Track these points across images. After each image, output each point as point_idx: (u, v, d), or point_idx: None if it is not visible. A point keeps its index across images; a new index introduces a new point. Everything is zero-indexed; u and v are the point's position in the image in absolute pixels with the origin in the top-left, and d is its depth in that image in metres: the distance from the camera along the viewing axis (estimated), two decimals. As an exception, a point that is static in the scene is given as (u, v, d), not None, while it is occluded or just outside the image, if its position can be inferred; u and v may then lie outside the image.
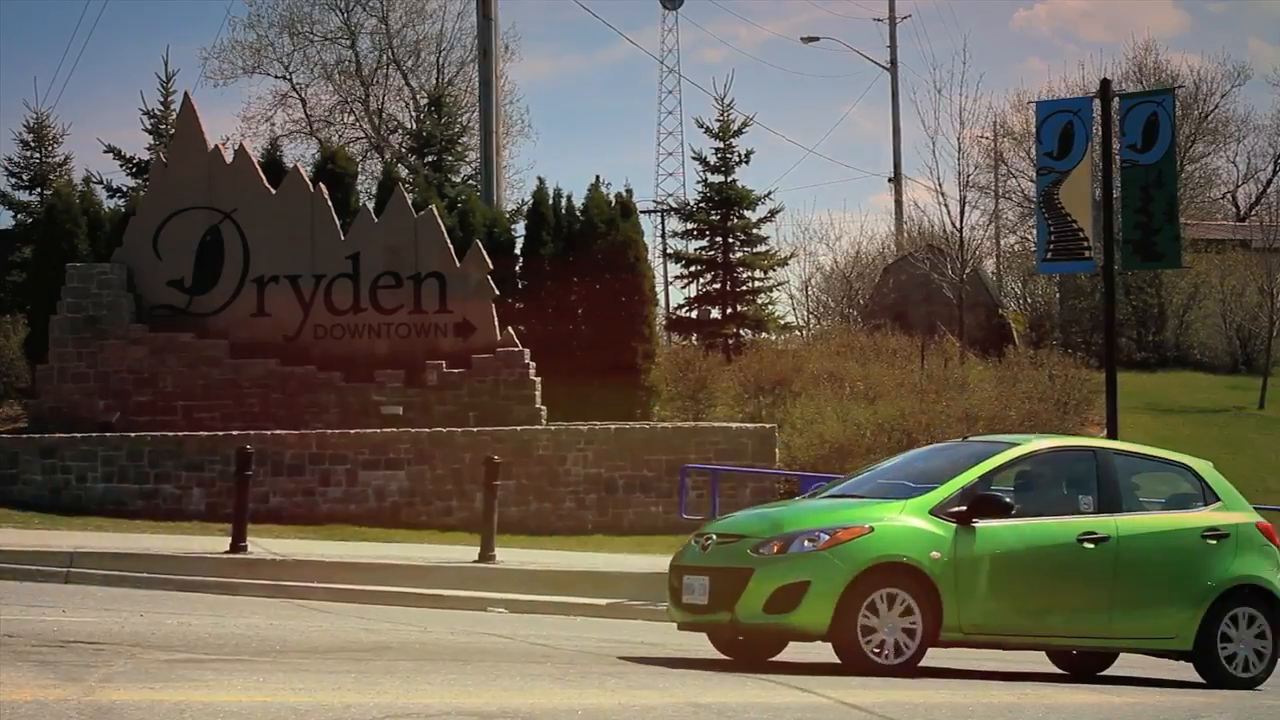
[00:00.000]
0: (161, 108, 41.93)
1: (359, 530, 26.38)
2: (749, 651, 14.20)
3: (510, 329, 29.68)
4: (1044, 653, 15.67)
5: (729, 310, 44.95)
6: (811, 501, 15.19)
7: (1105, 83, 30.74)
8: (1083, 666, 15.62)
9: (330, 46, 57.74)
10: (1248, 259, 48.80)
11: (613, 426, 28.68)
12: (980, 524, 13.76)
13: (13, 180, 42.83)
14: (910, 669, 13.23)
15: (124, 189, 41.14)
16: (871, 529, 13.46)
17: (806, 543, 13.41)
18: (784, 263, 48.17)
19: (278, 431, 27.77)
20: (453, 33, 57.57)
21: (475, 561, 21.59)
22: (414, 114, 54.83)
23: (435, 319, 29.30)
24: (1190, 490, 15.21)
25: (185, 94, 31.13)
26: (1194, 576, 14.55)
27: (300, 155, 51.34)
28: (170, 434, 27.79)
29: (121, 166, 42.03)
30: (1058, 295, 53.71)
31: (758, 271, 45.69)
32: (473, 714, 9.48)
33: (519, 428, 28.29)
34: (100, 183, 41.20)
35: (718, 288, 45.32)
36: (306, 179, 30.43)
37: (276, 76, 58.13)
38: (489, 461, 22.49)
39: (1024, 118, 54.33)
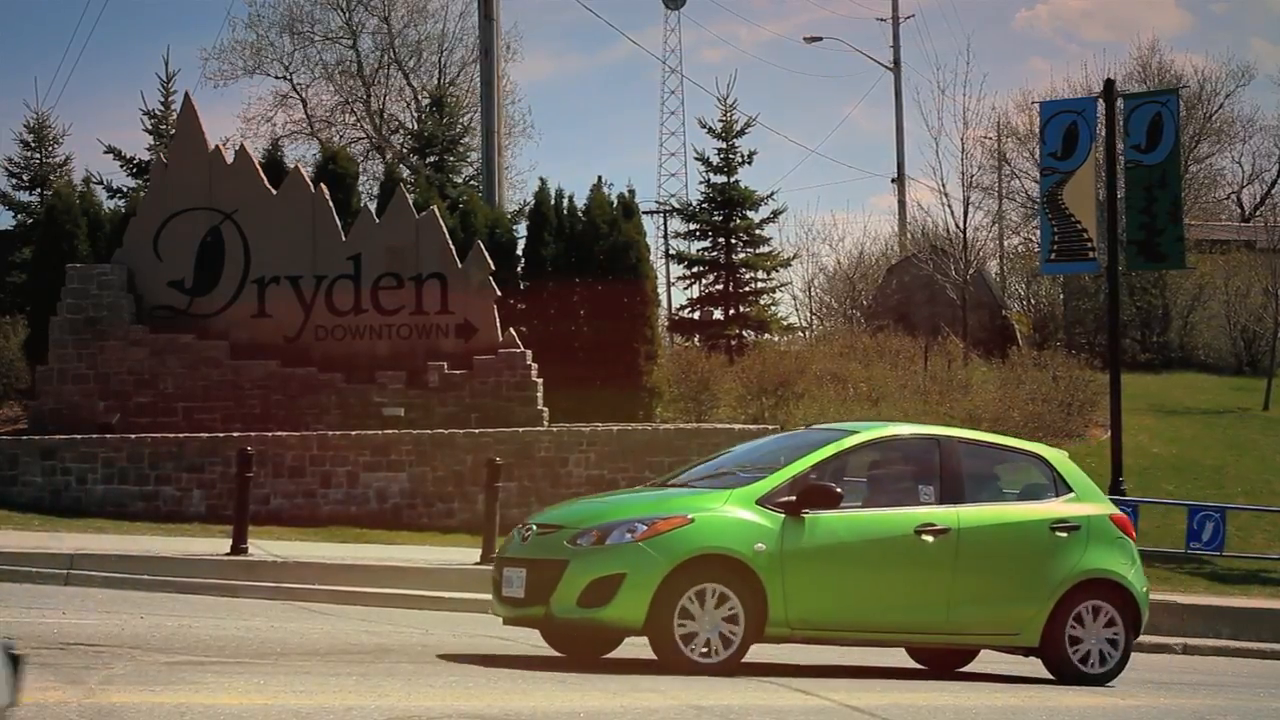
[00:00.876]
0: (162, 108, 41.85)
1: (360, 532, 26.34)
2: (583, 648, 13.81)
3: (512, 330, 29.63)
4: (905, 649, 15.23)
5: (731, 311, 44.85)
6: (642, 491, 14.90)
7: (1109, 83, 30.71)
8: (942, 662, 15.19)
9: (331, 46, 57.74)
10: (1252, 260, 48.66)
11: (615, 428, 28.60)
12: (810, 515, 13.31)
13: (13, 181, 42.81)
14: (731, 667, 12.75)
15: (124, 189, 41.05)
16: (691, 520, 13.00)
17: (626, 534, 12.95)
18: (787, 263, 48.07)
19: (278, 433, 27.72)
20: (454, 33, 57.60)
21: (477, 563, 21.54)
22: (415, 114, 54.75)
23: (437, 320, 29.25)
24: (1042, 481, 14.80)
25: (186, 94, 31.09)
26: (1041, 570, 14.17)
27: (301, 156, 51.35)
28: (171, 435, 27.74)
29: (122, 167, 41.96)
30: (1062, 296, 53.64)
31: (760, 272, 45.58)
32: (474, 716, 9.46)
33: (520, 429, 28.22)
34: (100, 183, 41.16)
35: (720, 289, 45.22)
36: (307, 179, 30.37)
37: (277, 77, 58.16)
38: (490, 463, 22.44)
39: (1028, 118, 54.33)
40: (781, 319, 47.43)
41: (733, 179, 45.26)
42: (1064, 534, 14.30)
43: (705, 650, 12.77)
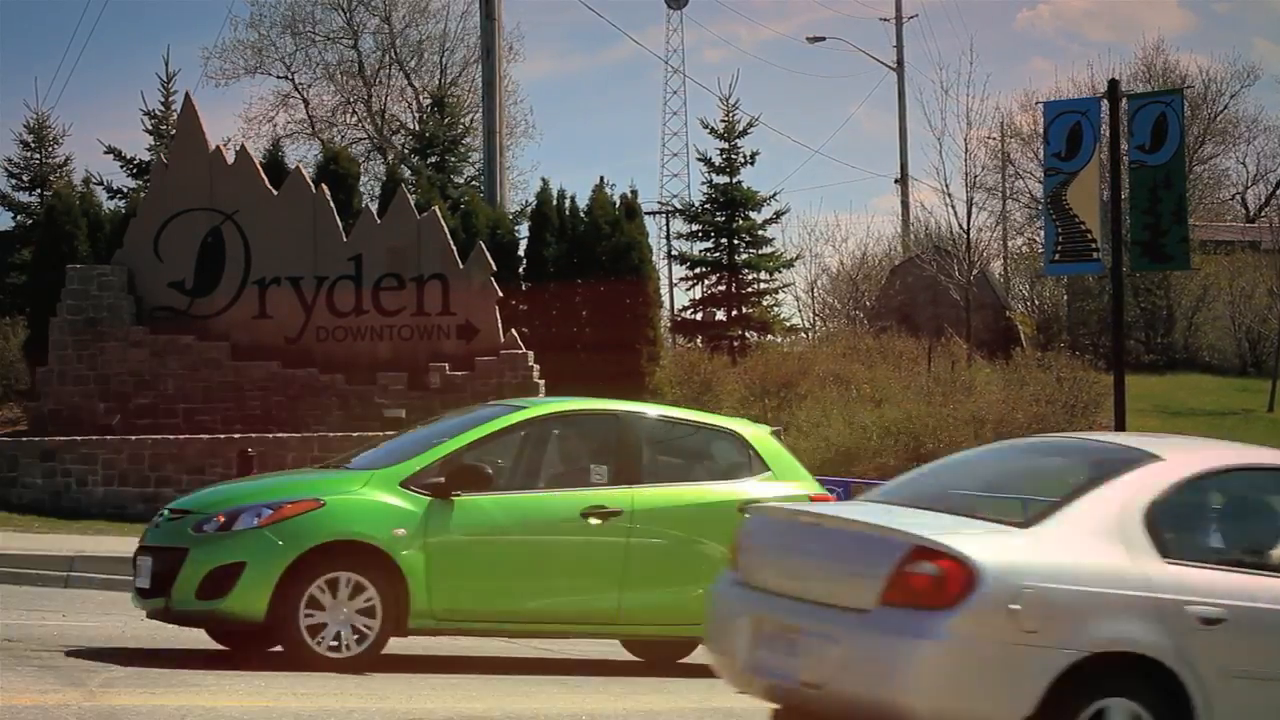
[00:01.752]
0: (162, 108, 41.78)
1: (361, 534, 26.16)
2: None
3: (514, 331, 29.55)
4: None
5: (734, 312, 44.78)
6: (292, 473, 14.19)
7: (1113, 83, 30.59)
8: (660, 654, 14.11)
9: (332, 46, 57.66)
10: (1257, 260, 48.72)
11: (617, 429, 28.44)
12: (461, 497, 12.50)
13: (13, 181, 42.77)
14: (365, 663, 11.84)
15: (124, 190, 41.00)
16: (323, 503, 12.18)
17: (253, 519, 12.11)
18: (790, 264, 47.99)
19: (279, 434, 27.62)
20: (456, 33, 57.48)
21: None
22: (417, 114, 54.69)
23: (438, 321, 29.16)
24: (738, 460, 13.78)
25: (186, 94, 31.00)
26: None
27: (302, 156, 51.21)
28: (171, 437, 27.66)
29: (122, 167, 41.90)
30: (1065, 297, 53.63)
31: (763, 273, 45.51)
32: (475, 719, 9.40)
33: (523, 430, 28.05)
34: (101, 184, 41.09)
35: (723, 289, 45.16)
36: (308, 180, 30.29)
37: (278, 77, 58.09)
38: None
39: (1031, 118, 54.27)
40: (784, 320, 47.43)
41: (735, 179, 45.19)
42: None
43: (335, 644, 11.85)
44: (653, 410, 14.46)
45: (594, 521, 12.82)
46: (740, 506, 12.35)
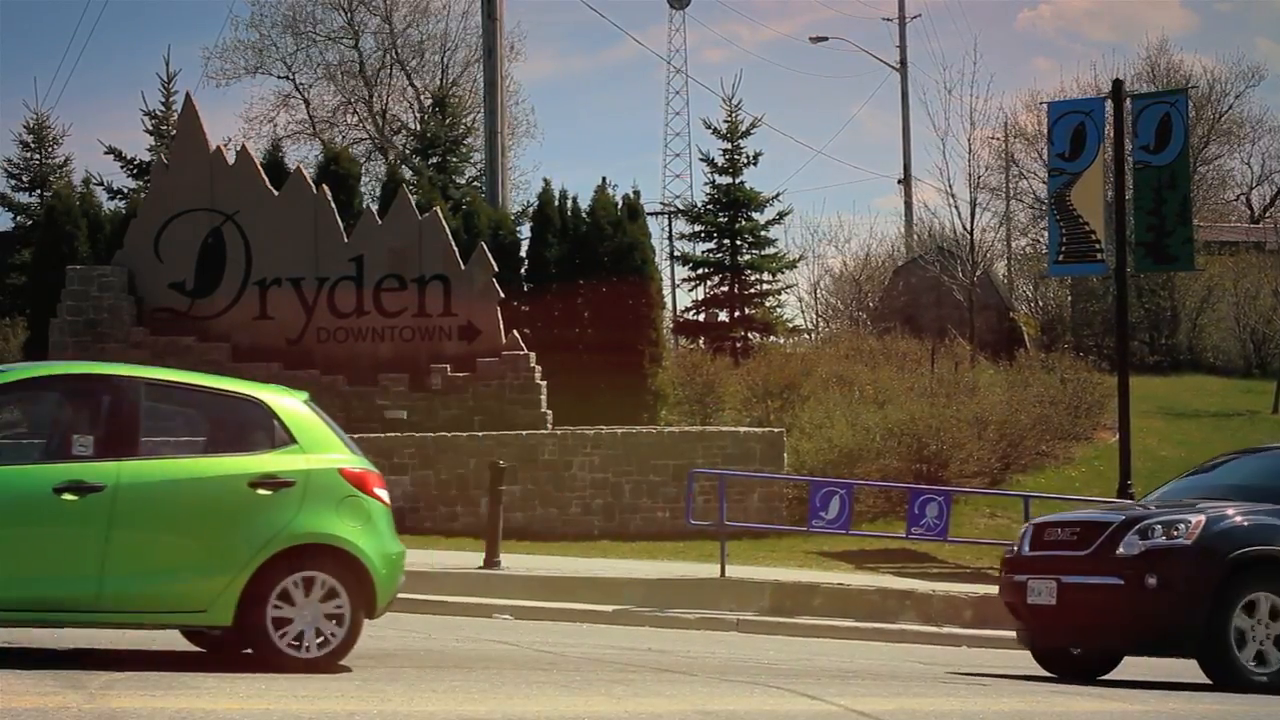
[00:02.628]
0: (163, 108, 41.79)
1: (362, 536, 26.08)
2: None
3: (515, 332, 29.47)
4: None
5: (737, 313, 44.74)
6: None
7: (1118, 83, 30.52)
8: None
9: (333, 46, 57.65)
10: (1262, 261, 48.65)
11: (619, 431, 28.41)
12: None
13: (13, 182, 42.76)
14: None
15: (125, 190, 41.00)
16: None
17: None
18: (792, 265, 47.99)
19: (280, 436, 27.45)
20: (457, 32, 57.46)
21: (480, 568, 21.43)
22: (418, 115, 54.67)
23: (440, 322, 29.11)
24: (258, 430, 12.51)
25: (187, 94, 30.94)
26: (232, 534, 11.85)
27: (303, 156, 51.27)
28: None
29: (122, 168, 41.89)
30: (1069, 298, 53.53)
31: (766, 274, 45.48)
32: (477, 723, 9.37)
33: (524, 432, 28.04)
34: (101, 184, 41.14)
35: (725, 290, 45.13)
36: (309, 180, 30.24)
37: (279, 77, 58.10)
38: (494, 466, 22.29)
39: (1035, 118, 54.17)
40: (787, 321, 47.41)
41: (738, 180, 45.15)
42: (269, 491, 12.02)
43: None
44: (156, 374, 12.83)
45: (69, 498, 11.50)
46: (252, 481, 11.98)
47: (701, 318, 46.21)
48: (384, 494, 13.03)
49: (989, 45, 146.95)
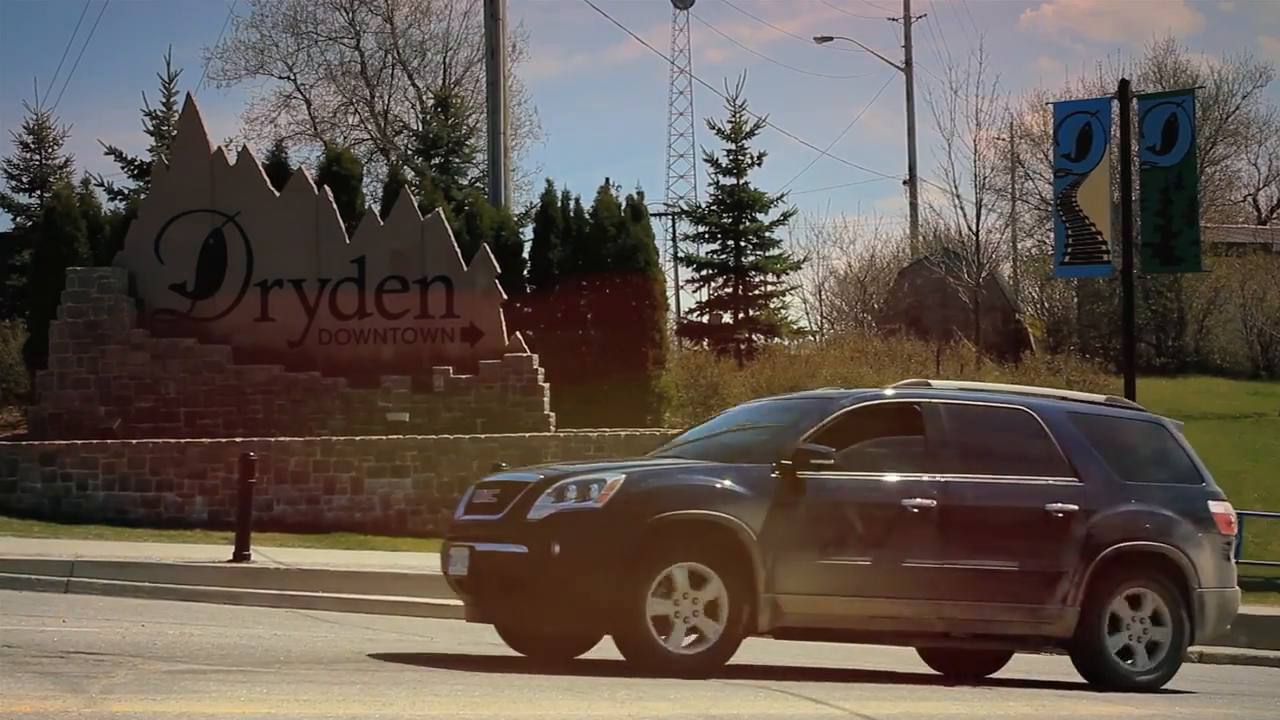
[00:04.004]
0: (164, 109, 41.67)
1: (364, 539, 26.15)
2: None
3: (518, 334, 29.41)
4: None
5: (741, 315, 44.63)
6: None
7: (1124, 84, 30.42)
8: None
9: (334, 46, 57.65)
10: (1269, 262, 48.67)
11: (622, 433, 28.32)
12: None
13: (13, 183, 42.68)
14: None
15: (125, 191, 40.88)
16: None
17: None
18: (797, 266, 47.86)
19: (281, 438, 27.49)
20: (459, 32, 57.41)
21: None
22: (420, 115, 54.61)
23: (442, 324, 29.05)
24: None
25: (188, 95, 30.86)
26: None
27: (305, 157, 51.20)
28: (172, 441, 27.52)
29: (123, 168, 41.76)
30: (1075, 299, 53.55)
31: (770, 275, 45.37)
32: (479, 728, 9.29)
33: (527, 434, 27.95)
34: (101, 185, 41.01)
35: (729, 292, 45.02)
36: (311, 181, 30.15)
37: (280, 77, 58.08)
38: (496, 468, 22.14)
39: (1041, 119, 54.18)
40: (791, 323, 47.25)
41: (742, 181, 45.00)
42: None
43: None
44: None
45: None
46: None
47: (705, 319, 46.08)
48: None
49: (993, 45, 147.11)
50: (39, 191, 42.05)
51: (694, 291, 47.92)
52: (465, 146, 45.12)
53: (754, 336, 44.10)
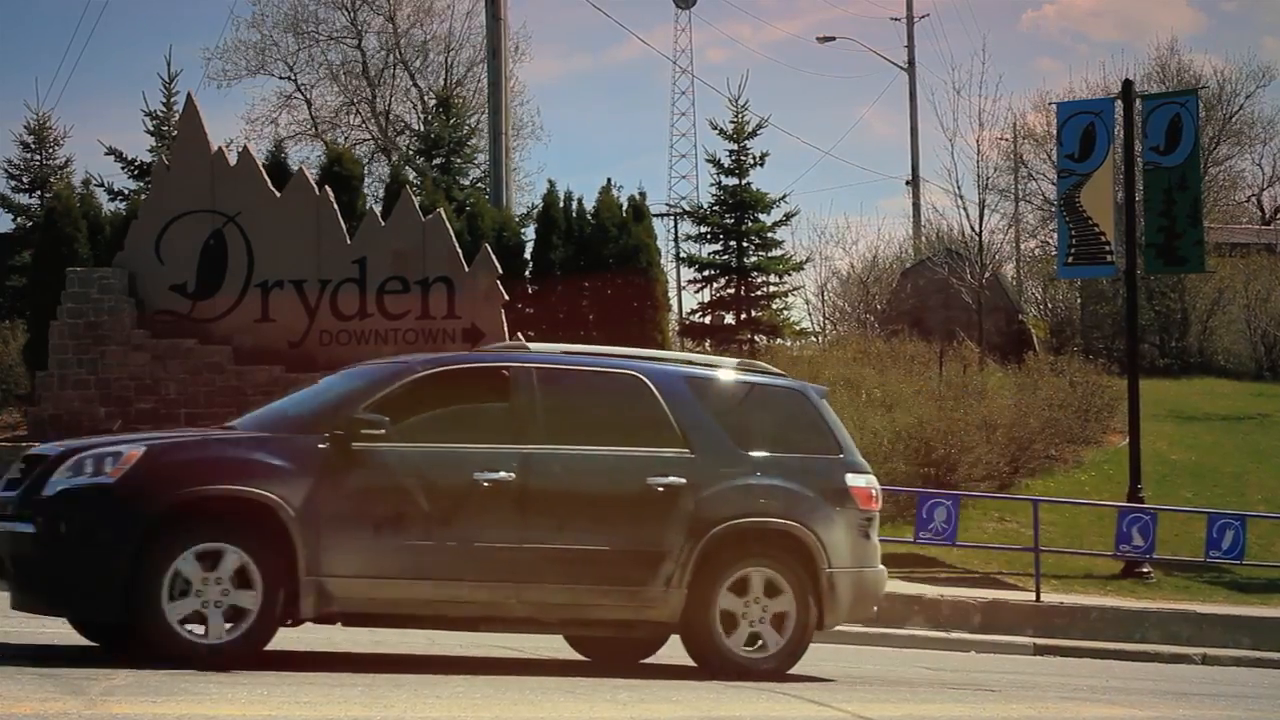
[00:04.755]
0: (164, 109, 41.62)
1: (365, 539, 25.96)
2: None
3: (520, 334, 29.31)
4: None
5: (743, 315, 44.58)
6: None
7: (1128, 84, 30.38)
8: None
9: (336, 46, 57.65)
10: (1273, 263, 48.64)
11: (625, 433, 28.17)
12: None
13: (13, 183, 42.68)
14: None
15: (125, 192, 40.84)
16: None
17: None
18: (799, 267, 47.79)
19: (282, 439, 27.31)
20: (461, 32, 57.39)
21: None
22: (421, 115, 54.58)
23: (443, 324, 28.94)
24: None
25: (188, 95, 30.74)
26: None
27: (305, 158, 51.20)
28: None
29: (123, 169, 41.71)
30: (1079, 300, 53.49)
31: (772, 276, 45.32)
32: (480, 730, 9.27)
33: (529, 435, 27.79)
34: (101, 185, 40.95)
35: (732, 292, 44.98)
36: (312, 182, 30.06)
37: (281, 77, 58.07)
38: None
39: (1044, 119, 54.13)
40: (794, 323, 47.19)
41: (744, 181, 44.94)
42: None
43: None
44: None
45: None
46: None
47: (708, 320, 46.03)
48: None
49: (994, 45, 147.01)
50: (39, 192, 42.04)
51: (696, 292, 47.90)
52: (467, 147, 45.07)
53: (756, 337, 44.04)
